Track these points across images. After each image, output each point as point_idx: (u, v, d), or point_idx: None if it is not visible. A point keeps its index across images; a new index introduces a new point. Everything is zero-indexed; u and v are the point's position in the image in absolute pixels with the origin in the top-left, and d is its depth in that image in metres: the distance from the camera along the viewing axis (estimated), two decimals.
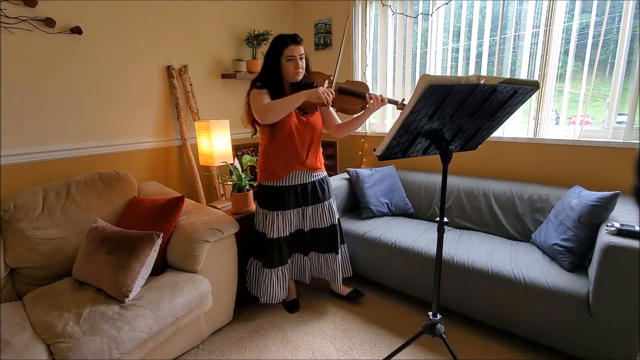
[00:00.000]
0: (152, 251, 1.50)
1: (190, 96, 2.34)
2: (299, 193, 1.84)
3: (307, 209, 1.88)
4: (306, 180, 1.85)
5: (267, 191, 1.83)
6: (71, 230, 1.65)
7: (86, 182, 1.79)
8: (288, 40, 1.64)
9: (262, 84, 1.71)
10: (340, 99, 1.67)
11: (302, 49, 1.68)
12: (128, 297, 1.39)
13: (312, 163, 1.84)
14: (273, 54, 1.68)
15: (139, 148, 2.17)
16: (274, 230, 1.82)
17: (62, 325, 1.25)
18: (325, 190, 1.92)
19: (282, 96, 1.67)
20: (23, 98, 1.71)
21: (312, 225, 1.92)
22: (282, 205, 1.81)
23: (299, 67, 1.67)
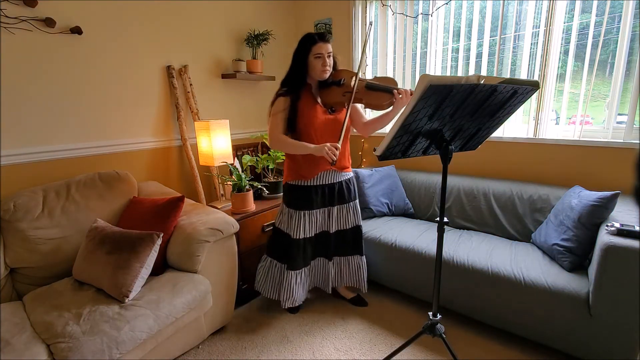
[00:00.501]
0: (152, 251, 1.50)
1: (190, 96, 2.34)
2: (326, 193, 1.83)
3: (333, 209, 1.87)
4: (333, 180, 1.84)
5: (294, 190, 1.82)
6: (71, 230, 1.65)
7: (86, 182, 1.79)
8: (316, 37, 1.65)
9: (287, 89, 1.72)
10: (367, 94, 1.66)
11: (329, 46, 1.68)
12: (128, 297, 1.39)
13: (340, 162, 1.83)
14: (301, 51, 1.69)
15: (139, 148, 2.17)
16: (299, 230, 1.81)
17: (62, 325, 1.25)
18: (352, 191, 1.91)
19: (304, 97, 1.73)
20: (23, 98, 1.71)
21: (338, 227, 1.90)
22: (309, 205, 1.80)
23: (326, 65, 1.68)
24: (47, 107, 1.79)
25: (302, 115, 1.72)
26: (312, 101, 1.75)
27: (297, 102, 1.72)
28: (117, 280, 1.41)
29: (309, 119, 1.72)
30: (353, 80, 1.67)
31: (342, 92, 1.70)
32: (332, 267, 1.96)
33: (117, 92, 2.04)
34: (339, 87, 1.71)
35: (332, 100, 1.72)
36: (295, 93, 1.72)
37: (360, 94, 1.66)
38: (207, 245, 1.64)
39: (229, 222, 1.76)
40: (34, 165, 1.78)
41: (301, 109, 1.72)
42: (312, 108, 1.73)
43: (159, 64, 2.21)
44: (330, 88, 1.74)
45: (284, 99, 1.72)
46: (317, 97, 1.77)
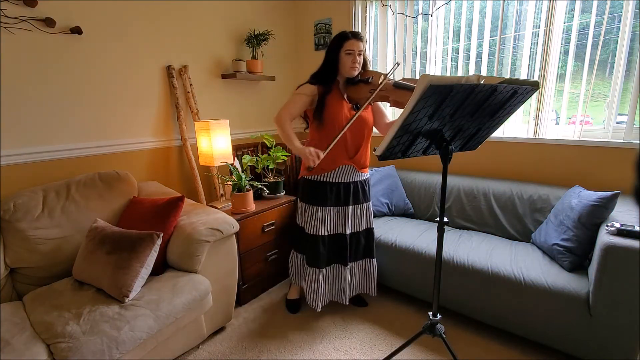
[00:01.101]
0: (152, 251, 1.50)
1: (190, 96, 2.34)
2: (340, 191, 1.82)
3: (348, 209, 1.85)
4: (350, 179, 1.83)
5: (308, 185, 1.83)
6: (71, 230, 1.65)
7: (86, 182, 1.79)
8: (350, 35, 1.69)
9: (316, 80, 1.75)
10: (394, 92, 1.66)
11: (361, 45, 1.70)
12: (128, 297, 1.39)
13: (360, 159, 1.82)
14: (333, 46, 1.72)
15: (139, 148, 2.17)
16: (312, 226, 1.82)
17: (62, 325, 1.25)
18: (367, 192, 1.90)
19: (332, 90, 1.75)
20: (23, 98, 1.71)
21: (352, 229, 1.89)
22: (322, 200, 1.80)
23: (356, 62, 1.69)
24: (47, 107, 1.79)
25: (329, 109, 1.73)
26: (339, 96, 1.76)
27: (326, 96, 1.73)
28: (117, 280, 1.41)
29: (334, 114, 1.73)
30: (382, 78, 1.69)
31: (369, 89, 1.71)
32: (349, 274, 1.91)
33: (117, 92, 2.04)
34: (366, 84, 1.72)
35: (358, 96, 1.73)
36: (326, 85, 1.74)
37: (387, 91, 1.65)
38: (207, 245, 1.64)
39: (229, 222, 1.76)
40: (34, 165, 1.78)
41: (328, 102, 1.73)
42: (338, 103, 1.74)
43: (159, 64, 2.21)
44: (358, 85, 1.75)
45: (312, 87, 1.73)
46: (344, 94, 1.78)
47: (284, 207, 2.30)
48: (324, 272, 1.87)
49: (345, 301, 1.92)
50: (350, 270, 1.92)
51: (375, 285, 1.98)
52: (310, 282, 1.86)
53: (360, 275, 1.96)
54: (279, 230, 2.29)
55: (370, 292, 1.99)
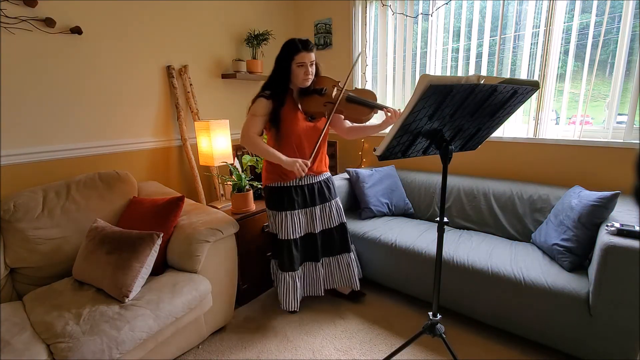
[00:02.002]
0: (152, 251, 1.50)
1: (190, 96, 2.34)
2: (306, 193, 1.84)
3: (316, 209, 1.87)
4: (313, 180, 1.85)
5: (274, 192, 1.83)
6: (71, 230, 1.65)
7: (86, 182, 1.79)
8: (300, 46, 1.63)
9: (270, 93, 1.71)
10: (348, 107, 1.67)
11: (313, 55, 1.67)
12: (128, 297, 1.39)
13: (317, 167, 1.84)
14: (284, 58, 1.67)
15: (139, 148, 2.17)
16: (283, 231, 1.82)
17: (62, 325, 1.25)
18: (332, 190, 1.92)
19: (286, 101, 1.72)
20: (23, 98, 1.71)
21: (322, 226, 1.90)
22: (290, 205, 1.81)
23: (308, 74, 1.68)
24: (47, 107, 1.79)
25: (284, 122, 1.72)
26: (293, 107, 1.75)
27: (280, 109, 1.71)
28: (117, 280, 1.41)
29: (290, 126, 1.72)
30: (335, 91, 1.68)
31: (324, 102, 1.70)
32: (322, 268, 1.94)
33: (117, 92, 2.04)
34: (320, 96, 1.71)
35: (313, 110, 1.71)
36: (279, 98, 1.71)
37: (341, 105, 1.66)
38: (207, 245, 1.64)
39: (229, 222, 1.76)
40: (34, 165, 1.78)
41: (283, 115, 1.72)
42: (293, 114, 1.73)
43: (159, 64, 2.21)
44: (312, 96, 1.73)
45: (266, 103, 1.70)
46: (298, 104, 1.76)
47: None
48: (299, 272, 1.88)
49: (320, 292, 1.95)
50: (323, 266, 1.95)
51: (356, 278, 1.97)
52: (286, 287, 1.85)
53: (339, 270, 1.96)
54: None
55: (353, 286, 1.98)
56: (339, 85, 1.72)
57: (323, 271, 1.95)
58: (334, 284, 1.98)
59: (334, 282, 1.98)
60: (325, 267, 1.96)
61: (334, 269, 1.96)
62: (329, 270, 1.97)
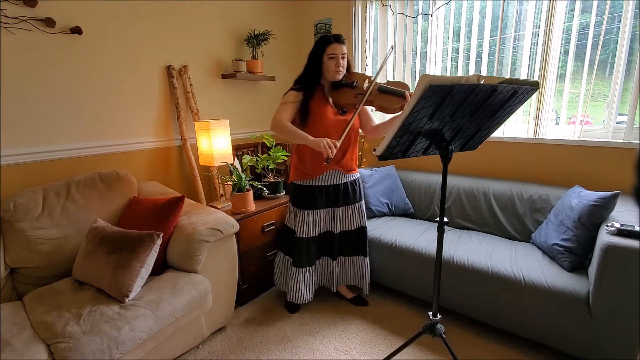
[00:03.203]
0: (152, 251, 1.50)
1: (190, 96, 2.34)
2: (330, 193, 1.84)
3: (338, 210, 1.87)
4: (339, 181, 1.85)
5: (298, 190, 1.84)
6: (71, 230, 1.65)
7: (86, 182, 1.79)
8: (332, 38, 1.68)
9: (300, 86, 1.75)
10: (379, 97, 1.66)
11: (344, 48, 1.70)
12: (128, 297, 1.39)
13: (347, 163, 1.84)
14: (316, 51, 1.72)
15: (139, 148, 2.17)
16: (303, 229, 1.83)
17: (62, 325, 1.25)
18: (357, 192, 1.91)
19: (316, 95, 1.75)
20: (23, 98, 1.71)
21: (342, 228, 1.91)
22: (313, 204, 1.82)
23: (339, 66, 1.69)
24: (47, 107, 1.79)
25: (313, 114, 1.73)
26: (323, 101, 1.77)
27: (309, 100, 1.74)
28: (117, 280, 1.41)
29: (318, 118, 1.73)
30: (367, 82, 1.69)
31: (355, 94, 1.70)
32: (337, 266, 1.97)
33: (117, 92, 2.04)
34: (351, 88, 1.72)
35: (344, 101, 1.73)
36: (309, 90, 1.74)
37: (372, 96, 1.66)
38: (207, 245, 1.64)
39: (229, 222, 1.76)
40: (34, 165, 1.78)
41: (312, 107, 1.74)
42: (323, 107, 1.75)
43: (159, 64, 2.21)
44: (343, 89, 1.75)
45: (296, 93, 1.74)
46: (329, 98, 1.78)
47: (284, 207, 2.29)
48: (315, 266, 1.91)
49: (333, 288, 1.97)
50: (338, 264, 1.97)
51: (368, 283, 2.00)
52: (297, 282, 1.88)
53: (353, 270, 1.99)
54: (279, 230, 2.29)
55: (363, 289, 2.01)
56: (370, 78, 1.72)
57: (337, 269, 1.98)
58: (347, 281, 2.01)
59: (347, 279, 2.00)
60: (340, 266, 1.99)
61: (349, 268, 1.99)
62: (343, 268, 1.99)
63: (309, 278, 1.91)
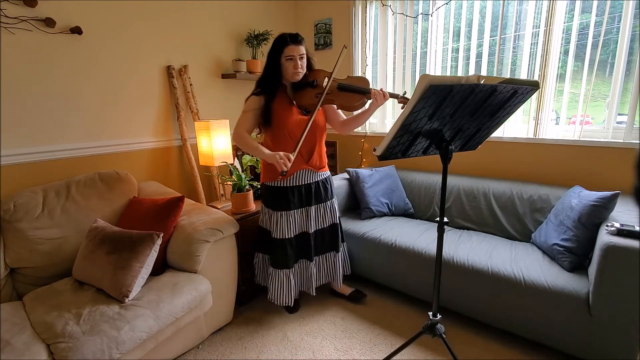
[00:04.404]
0: (152, 251, 1.50)
1: (190, 96, 2.34)
2: (302, 193, 1.84)
3: (311, 209, 1.87)
4: (310, 180, 1.84)
5: (270, 191, 1.83)
6: (71, 230, 1.65)
7: (86, 182, 1.79)
8: (288, 39, 1.65)
9: (261, 89, 1.73)
10: (339, 95, 1.66)
11: (302, 48, 1.68)
12: (128, 297, 1.39)
13: (316, 161, 1.83)
14: (273, 53, 1.69)
15: (139, 148, 2.17)
16: (278, 230, 1.82)
17: (62, 325, 1.25)
18: (329, 190, 1.92)
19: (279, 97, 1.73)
20: (23, 98, 1.71)
21: (316, 227, 1.91)
22: (286, 205, 1.81)
23: (298, 67, 1.67)
24: (47, 107, 1.79)
25: (276, 116, 1.72)
26: (286, 102, 1.75)
27: (271, 102, 1.72)
28: (117, 280, 1.41)
29: (282, 120, 1.72)
30: (326, 81, 1.67)
31: (315, 94, 1.69)
32: (315, 268, 1.95)
33: (117, 92, 2.04)
34: (312, 88, 1.71)
35: (305, 102, 1.71)
36: (270, 93, 1.72)
37: (332, 95, 1.65)
38: (207, 245, 1.64)
39: (229, 222, 1.76)
40: (34, 165, 1.78)
41: (275, 110, 1.72)
42: (286, 109, 1.73)
43: (159, 64, 2.21)
44: (304, 90, 1.73)
45: (257, 98, 1.72)
46: (292, 99, 1.77)
47: None
48: (293, 270, 1.89)
49: (312, 292, 1.95)
50: (315, 264, 1.97)
51: (340, 276, 2.01)
52: (279, 283, 1.86)
53: (326, 267, 2.00)
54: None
55: (336, 282, 2.03)
56: (330, 75, 1.71)
57: (315, 270, 1.96)
58: (321, 280, 2.01)
59: (321, 278, 2.01)
60: (317, 267, 1.99)
61: (321, 266, 1.99)
62: (320, 267, 2.00)
63: (290, 282, 1.88)
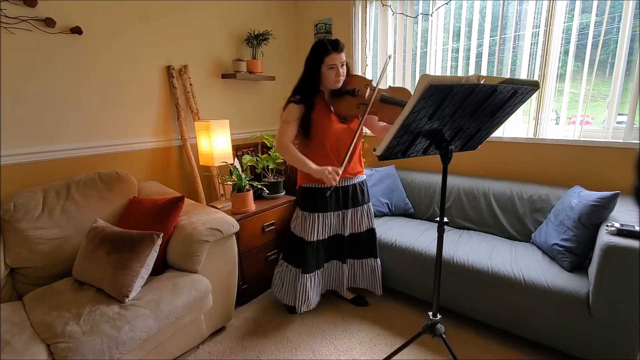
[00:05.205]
0: (152, 251, 1.50)
1: (190, 96, 2.34)
2: (340, 196, 1.82)
3: (347, 212, 1.85)
4: (347, 182, 1.83)
5: (308, 193, 1.81)
6: (71, 230, 1.65)
7: (86, 182, 1.79)
8: (330, 47, 1.59)
9: (300, 97, 1.68)
10: (381, 108, 1.60)
11: (343, 56, 1.63)
12: (128, 297, 1.39)
13: (353, 168, 1.82)
14: (314, 60, 1.64)
15: (139, 148, 2.17)
16: (313, 233, 1.80)
17: (62, 325, 1.25)
18: (365, 194, 1.89)
19: (318, 105, 1.70)
20: (23, 98, 1.71)
21: (352, 230, 1.88)
22: (323, 207, 1.79)
23: (340, 75, 1.64)
24: (47, 107, 1.79)
25: (316, 126, 1.70)
26: (325, 110, 1.72)
27: (311, 112, 1.69)
28: (117, 280, 1.41)
29: (323, 130, 1.69)
30: (368, 90, 1.62)
31: (356, 104, 1.64)
32: (346, 269, 1.94)
33: (117, 92, 2.04)
34: (353, 97, 1.66)
35: (346, 112, 1.67)
36: (309, 102, 1.68)
37: (374, 107, 1.60)
38: (207, 245, 1.64)
39: (229, 222, 1.75)
40: (34, 165, 1.78)
41: (315, 118, 1.69)
42: (326, 117, 1.70)
43: (159, 64, 2.21)
44: (344, 97, 1.69)
45: (297, 107, 1.68)
46: (330, 106, 1.73)
47: (284, 207, 2.30)
48: (320, 271, 1.89)
49: (343, 291, 1.93)
50: (348, 266, 1.95)
51: (380, 284, 1.98)
52: (304, 289, 1.84)
53: (364, 273, 1.97)
54: (279, 230, 2.29)
55: (375, 291, 1.99)
56: (372, 84, 1.66)
57: (347, 272, 1.95)
58: (355, 284, 1.98)
59: (356, 282, 1.98)
60: (350, 268, 1.96)
61: (358, 271, 1.96)
62: (353, 271, 1.96)
63: (316, 282, 1.88)
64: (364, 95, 1.64)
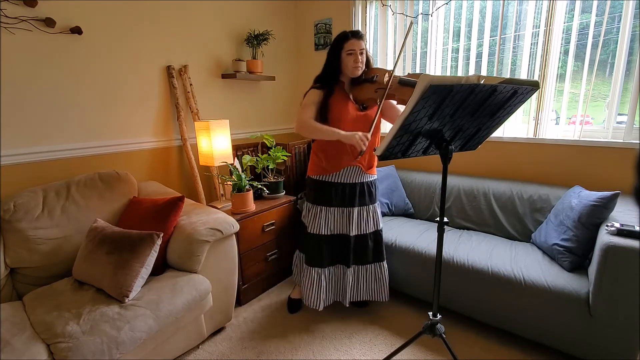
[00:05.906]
0: (152, 251, 1.50)
1: (190, 96, 2.34)
2: (346, 192, 1.80)
3: (353, 210, 1.82)
4: (356, 180, 1.80)
5: (314, 184, 1.83)
6: (71, 230, 1.65)
7: (86, 182, 1.79)
8: (350, 34, 1.68)
9: (321, 84, 1.75)
10: (400, 90, 1.61)
11: (362, 44, 1.69)
12: (128, 297, 1.39)
13: (369, 162, 1.81)
14: (334, 47, 1.71)
15: (139, 148, 2.17)
16: (314, 225, 1.82)
17: (62, 325, 1.25)
18: (373, 194, 1.87)
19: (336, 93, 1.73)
20: (23, 98, 1.71)
21: (358, 231, 1.85)
22: (327, 200, 1.80)
23: (358, 62, 1.68)
24: (47, 107, 1.79)
25: (333, 111, 1.71)
26: (344, 97, 1.75)
27: (329, 98, 1.72)
28: (117, 280, 1.41)
29: (339, 115, 1.71)
30: (386, 76, 1.65)
31: (375, 89, 1.68)
32: (351, 276, 1.87)
33: (117, 92, 2.04)
34: (371, 83, 1.70)
35: (364, 97, 1.71)
36: (328, 88, 1.73)
37: (392, 89, 1.61)
38: (207, 245, 1.64)
39: (229, 222, 1.76)
40: (34, 165, 1.78)
41: (332, 104, 1.72)
42: (343, 104, 1.73)
43: (159, 64, 2.21)
44: (363, 84, 1.72)
45: (317, 92, 1.73)
46: (350, 94, 1.76)
47: (284, 207, 2.30)
48: (326, 272, 1.85)
49: (345, 302, 1.89)
50: (354, 274, 1.89)
51: (386, 290, 1.91)
52: (310, 282, 1.84)
53: (370, 281, 1.90)
54: (279, 230, 2.29)
55: (381, 299, 1.92)
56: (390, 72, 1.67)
57: (352, 279, 1.89)
58: (359, 296, 1.91)
59: (359, 294, 1.91)
60: (355, 276, 1.90)
61: (362, 280, 1.90)
62: (357, 281, 1.90)
63: (322, 283, 1.84)
64: (382, 81, 1.67)
